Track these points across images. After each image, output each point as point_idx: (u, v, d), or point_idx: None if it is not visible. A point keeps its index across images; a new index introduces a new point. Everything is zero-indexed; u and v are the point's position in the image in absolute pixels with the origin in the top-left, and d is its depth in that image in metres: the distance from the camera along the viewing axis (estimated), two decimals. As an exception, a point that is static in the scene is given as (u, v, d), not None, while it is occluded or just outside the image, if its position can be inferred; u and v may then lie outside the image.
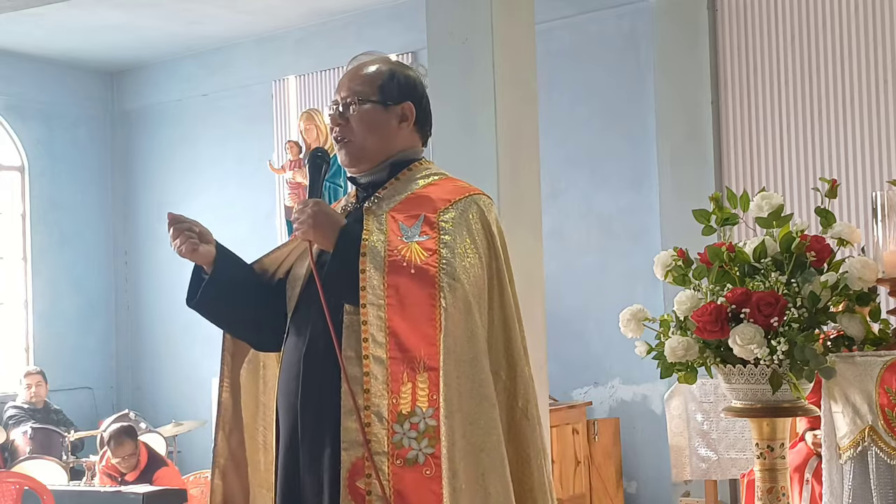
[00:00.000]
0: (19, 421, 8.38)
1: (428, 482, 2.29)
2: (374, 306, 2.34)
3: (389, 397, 2.31)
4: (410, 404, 2.32)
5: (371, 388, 2.31)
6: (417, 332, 2.34)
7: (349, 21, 8.88)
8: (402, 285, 2.36)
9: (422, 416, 2.31)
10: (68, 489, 6.64)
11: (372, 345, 2.33)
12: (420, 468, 2.30)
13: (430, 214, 2.47)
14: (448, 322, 2.35)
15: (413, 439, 2.31)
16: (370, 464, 2.29)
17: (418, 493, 2.29)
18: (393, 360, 2.33)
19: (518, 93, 5.56)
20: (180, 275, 10.87)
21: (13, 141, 9.82)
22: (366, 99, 2.57)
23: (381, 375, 2.32)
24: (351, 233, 2.43)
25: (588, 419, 7.05)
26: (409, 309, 2.35)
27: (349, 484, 2.34)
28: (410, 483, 2.29)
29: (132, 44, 9.49)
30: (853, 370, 2.67)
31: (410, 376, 2.33)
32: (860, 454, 2.65)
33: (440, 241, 2.43)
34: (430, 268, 2.38)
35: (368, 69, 2.61)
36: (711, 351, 2.75)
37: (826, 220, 2.82)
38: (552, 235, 7.16)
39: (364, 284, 2.35)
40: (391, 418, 2.31)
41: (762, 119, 7.13)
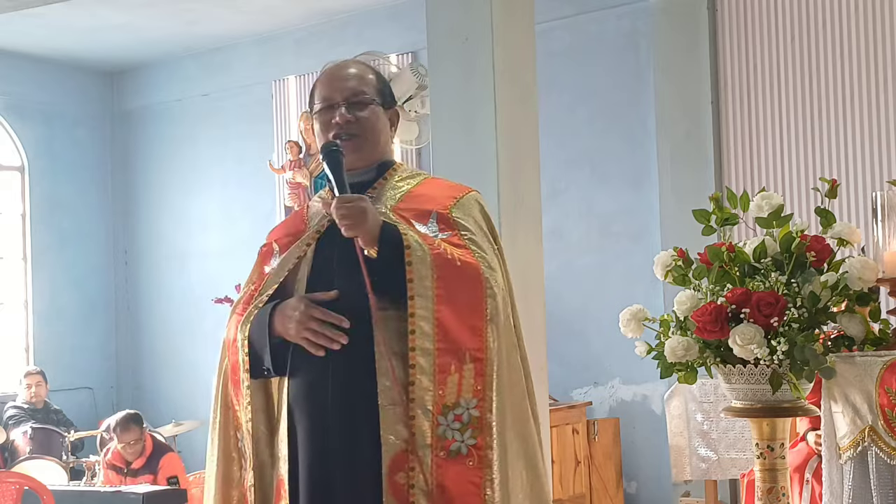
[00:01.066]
0: (19, 421, 8.38)
1: (469, 473, 2.34)
2: (423, 298, 2.36)
3: (435, 389, 2.34)
4: (455, 395, 2.36)
5: (416, 381, 2.34)
6: (465, 324, 2.38)
7: (349, 21, 8.88)
8: (450, 277, 2.39)
9: (465, 407, 2.36)
10: (68, 489, 6.65)
11: (419, 336, 2.35)
12: (463, 459, 2.34)
13: (442, 211, 2.52)
14: (494, 313, 2.41)
15: (456, 430, 2.35)
16: (414, 457, 2.31)
17: (459, 484, 2.33)
18: (440, 350, 2.36)
19: (518, 93, 5.56)
20: (180, 275, 10.93)
21: (13, 141, 9.82)
22: (371, 100, 2.59)
23: (428, 367, 2.35)
24: (392, 227, 2.43)
25: (588, 419, 7.05)
26: (458, 301, 2.39)
27: (389, 479, 2.34)
28: (452, 475, 2.33)
29: (132, 44, 9.48)
30: (853, 370, 2.67)
31: (457, 367, 2.36)
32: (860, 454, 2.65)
33: (462, 236, 2.49)
34: (472, 261, 2.43)
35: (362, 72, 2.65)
36: (711, 351, 2.75)
37: (826, 220, 2.82)
38: (552, 235, 7.16)
39: (411, 277, 2.37)
40: (436, 410, 2.34)
41: (762, 119, 7.13)
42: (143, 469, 6.75)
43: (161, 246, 10.17)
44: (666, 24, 7.40)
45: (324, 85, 2.63)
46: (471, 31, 5.47)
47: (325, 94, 2.61)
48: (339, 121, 2.57)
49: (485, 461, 2.34)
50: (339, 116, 2.57)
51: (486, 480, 2.34)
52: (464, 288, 2.40)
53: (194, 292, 9.68)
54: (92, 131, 10.33)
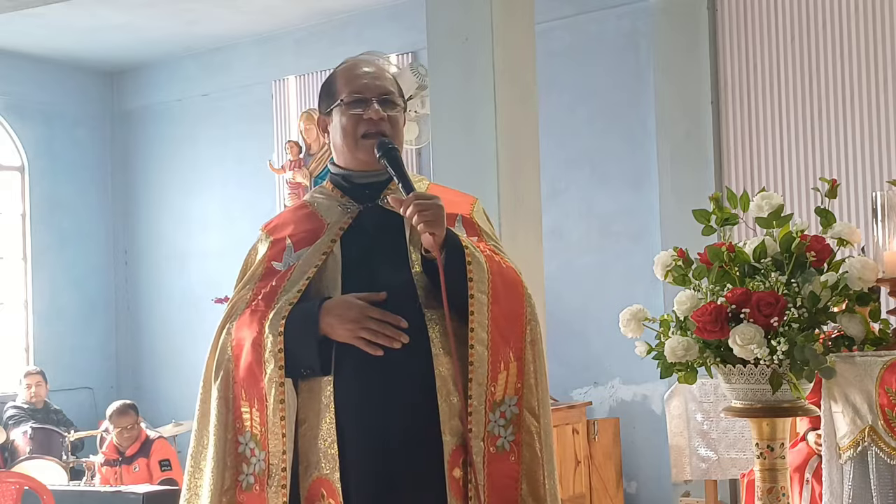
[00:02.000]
0: (19, 421, 8.38)
1: (510, 468, 2.44)
2: (482, 294, 2.42)
3: (488, 385, 2.40)
4: (503, 392, 2.44)
5: (474, 377, 2.39)
6: (512, 323, 2.47)
7: (349, 21, 8.88)
8: (499, 278, 2.47)
9: (508, 404, 2.45)
10: (68, 489, 6.65)
11: (477, 334, 2.40)
12: (507, 455, 2.43)
13: (466, 216, 2.60)
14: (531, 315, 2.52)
15: (501, 427, 2.43)
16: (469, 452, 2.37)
17: (503, 479, 2.42)
18: (493, 348, 2.42)
19: (518, 93, 5.57)
20: (180, 275, 10.94)
21: (13, 141, 9.82)
22: (398, 102, 2.59)
23: (484, 364, 2.40)
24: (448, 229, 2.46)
25: (588, 419, 7.05)
26: (506, 301, 2.47)
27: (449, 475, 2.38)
28: (497, 470, 2.41)
29: (132, 44, 9.49)
30: (853, 370, 2.67)
31: (506, 365, 2.45)
32: (860, 454, 2.65)
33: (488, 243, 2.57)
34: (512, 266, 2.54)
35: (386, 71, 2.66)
36: (711, 351, 2.75)
37: (826, 220, 2.82)
38: (552, 235, 7.16)
39: (471, 276, 2.41)
40: (487, 406, 2.41)
41: (762, 119, 7.13)
42: (136, 455, 7.01)
43: (161, 246, 10.17)
44: (666, 24, 7.40)
45: (353, 78, 2.57)
46: (471, 31, 5.48)
47: (355, 87, 2.55)
48: (373, 116, 2.52)
49: (522, 457, 2.44)
50: (374, 112, 2.52)
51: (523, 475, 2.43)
52: (509, 290, 2.48)
53: (194, 292, 9.68)
54: (92, 131, 10.33)
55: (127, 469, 6.90)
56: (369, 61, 2.64)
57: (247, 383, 2.47)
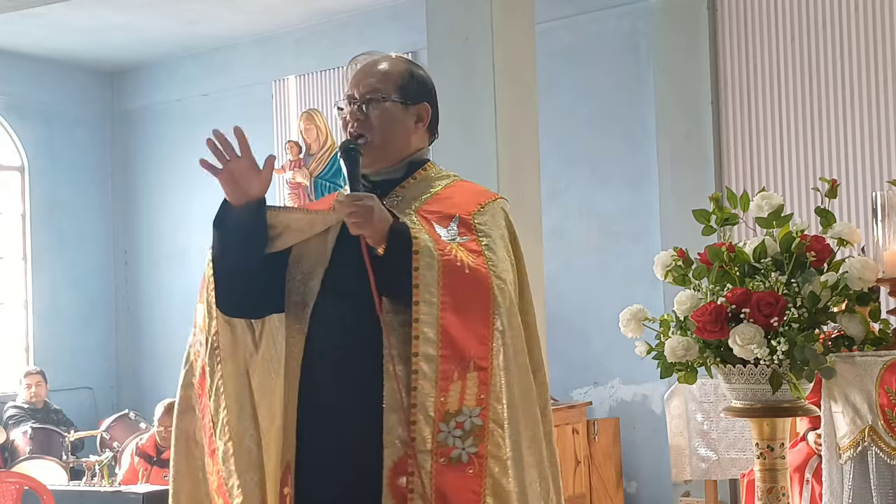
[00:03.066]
0: (19, 421, 8.38)
1: (469, 481, 2.31)
2: (427, 304, 2.33)
3: (437, 395, 2.32)
4: (458, 403, 2.33)
5: (418, 386, 2.32)
6: (470, 332, 2.35)
7: (349, 21, 8.88)
8: (456, 284, 2.36)
9: (468, 415, 2.33)
10: (68, 489, 6.65)
11: (423, 342, 2.33)
12: (463, 467, 2.32)
13: (465, 216, 2.50)
14: (500, 322, 2.38)
15: (458, 438, 2.32)
16: (413, 461, 2.30)
17: (458, 492, 2.30)
18: (444, 357, 2.33)
19: (518, 93, 5.57)
20: (180, 275, 10.92)
21: (13, 141, 9.82)
22: (387, 97, 2.56)
23: (431, 373, 2.32)
24: (401, 230, 2.40)
25: (588, 419, 7.05)
26: (463, 308, 2.36)
27: (390, 482, 2.34)
28: (451, 482, 2.30)
29: (132, 44, 9.48)
30: (853, 370, 2.67)
31: (461, 375, 2.34)
32: (860, 454, 2.65)
33: (480, 243, 2.45)
34: (482, 269, 2.40)
35: (388, 67, 2.60)
36: (711, 351, 2.75)
37: (826, 220, 2.82)
38: (552, 235, 7.16)
39: (417, 282, 2.34)
40: (437, 417, 2.32)
41: (762, 119, 7.13)
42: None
43: (161, 246, 10.17)
44: (666, 24, 7.40)
45: (350, 78, 2.61)
46: (471, 31, 5.48)
47: (348, 88, 2.60)
48: (348, 118, 2.56)
49: (486, 470, 2.32)
50: (350, 114, 2.56)
51: (487, 489, 2.31)
52: (471, 296, 2.37)
53: (194, 292, 9.64)
54: (92, 131, 10.33)
55: (158, 472, 6.69)
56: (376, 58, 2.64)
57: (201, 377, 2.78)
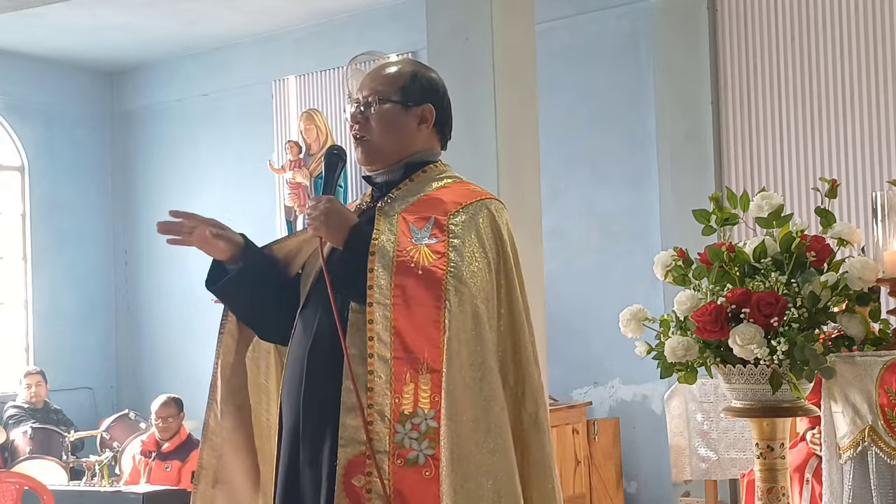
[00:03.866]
0: (19, 421, 8.38)
1: (427, 483, 2.30)
2: (381, 305, 2.36)
3: (392, 397, 2.33)
4: (412, 405, 2.33)
5: (374, 387, 2.33)
6: (421, 334, 2.36)
7: (349, 21, 8.88)
8: (408, 286, 2.38)
9: (423, 418, 2.33)
10: (68, 489, 6.65)
11: (377, 344, 2.35)
12: (420, 469, 2.31)
13: (441, 217, 2.49)
14: (453, 325, 2.36)
15: (414, 440, 2.32)
16: (371, 462, 2.30)
17: (417, 493, 2.30)
18: (397, 359, 2.34)
19: (518, 93, 5.56)
20: (180, 275, 10.90)
21: (13, 141, 9.81)
22: (386, 98, 2.59)
23: (385, 374, 2.33)
24: (362, 231, 2.45)
25: (588, 419, 7.05)
26: (415, 310, 2.37)
27: (345, 481, 2.34)
28: (410, 483, 2.30)
29: (132, 44, 9.48)
30: (853, 370, 2.67)
31: (413, 377, 2.34)
32: (860, 454, 2.65)
33: (449, 244, 2.44)
34: (437, 270, 2.39)
35: (391, 69, 2.65)
36: (711, 351, 2.75)
37: (826, 220, 2.82)
38: (552, 235, 7.16)
39: (371, 283, 2.37)
40: (393, 418, 2.32)
41: (762, 119, 7.13)
42: (172, 454, 6.81)
43: (161, 246, 10.09)
44: (666, 24, 7.40)
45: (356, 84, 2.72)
46: (471, 31, 5.48)
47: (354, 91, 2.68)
48: (350, 120, 2.62)
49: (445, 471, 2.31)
50: (351, 118, 2.62)
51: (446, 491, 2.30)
52: (422, 297, 2.38)
53: (194, 292, 9.66)
54: (92, 131, 10.32)
55: (159, 465, 6.71)
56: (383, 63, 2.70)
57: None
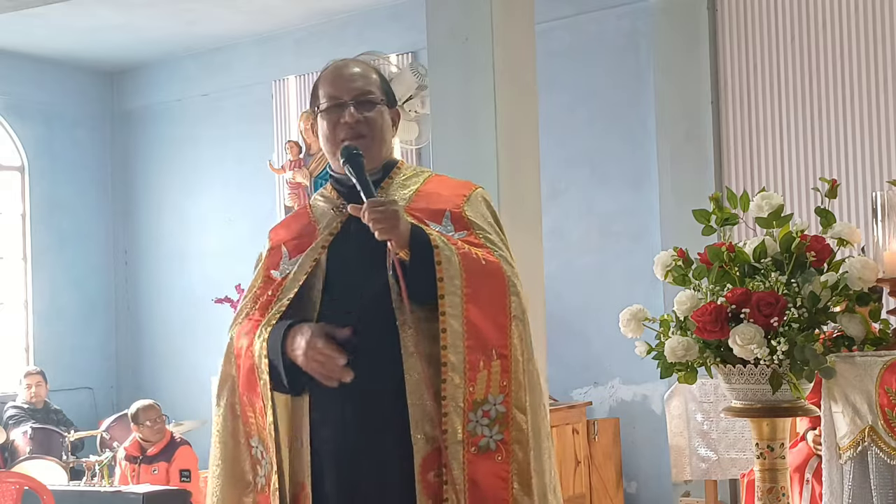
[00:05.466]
0: (19, 421, 8.38)
1: (497, 468, 2.38)
2: (453, 296, 2.39)
3: (466, 386, 2.37)
4: (484, 391, 2.39)
5: (448, 378, 2.36)
6: (492, 322, 2.42)
7: (349, 21, 8.88)
8: (476, 276, 2.42)
9: (493, 403, 2.40)
10: (68, 489, 6.65)
11: (450, 335, 2.38)
12: (492, 455, 2.38)
13: (455, 210, 2.55)
14: (517, 310, 2.46)
15: (485, 426, 2.39)
16: (445, 454, 2.34)
17: (488, 479, 2.36)
18: (470, 348, 2.39)
19: (518, 93, 5.56)
20: (180, 275, 10.90)
21: (13, 141, 9.82)
22: (377, 100, 2.59)
23: (459, 364, 2.37)
24: (418, 228, 2.45)
25: (588, 419, 7.05)
26: (484, 299, 2.42)
27: (422, 479, 2.37)
28: (482, 470, 2.36)
29: (132, 44, 9.48)
30: (853, 370, 2.67)
31: (486, 364, 2.40)
32: (860, 454, 2.64)
33: (478, 235, 2.52)
34: (493, 258, 2.48)
35: (366, 70, 2.63)
36: (711, 351, 2.75)
37: (826, 220, 2.82)
38: (552, 235, 7.16)
39: (441, 276, 2.39)
40: (467, 407, 2.37)
41: (762, 119, 7.13)
42: (158, 456, 6.83)
43: (161, 246, 10.17)
44: (666, 24, 7.40)
45: (329, 83, 2.60)
46: (471, 31, 5.48)
47: (331, 92, 2.58)
48: (348, 120, 2.55)
49: (512, 455, 2.39)
50: (349, 116, 2.55)
51: (514, 474, 2.38)
52: (489, 286, 2.44)
53: (194, 292, 9.68)
54: (92, 131, 10.33)
55: (146, 469, 6.73)
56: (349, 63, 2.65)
57: (247, 389, 2.52)
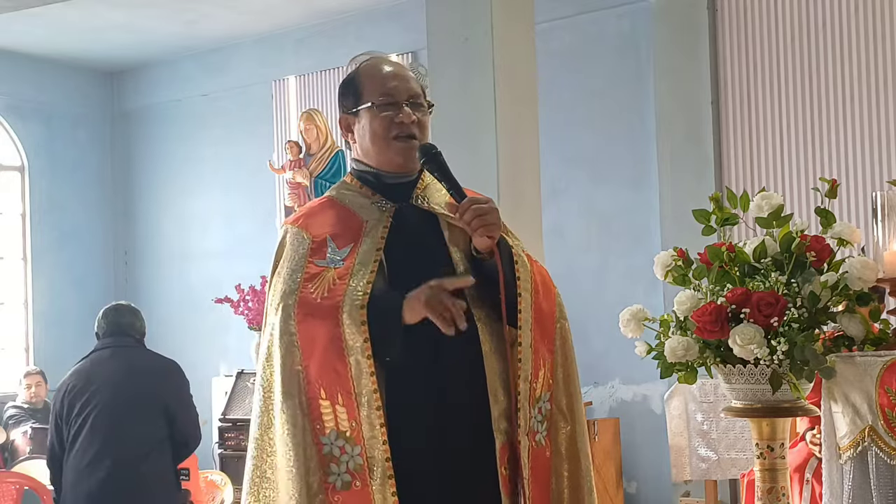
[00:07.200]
0: (19, 421, 8.38)
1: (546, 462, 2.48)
2: (527, 293, 2.49)
3: (531, 381, 2.45)
4: (541, 389, 2.48)
5: (522, 375, 2.44)
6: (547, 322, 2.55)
7: (349, 21, 8.88)
8: (539, 277, 2.55)
9: (543, 401, 2.50)
10: (68, 489, 6.63)
11: (525, 331, 2.45)
12: (543, 449, 2.48)
13: None
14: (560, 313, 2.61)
15: (539, 423, 2.48)
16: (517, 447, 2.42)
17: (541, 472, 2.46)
18: (536, 347, 2.48)
19: (518, 93, 5.57)
20: (180, 275, 10.90)
21: (13, 141, 9.82)
22: (424, 103, 2.63)
23: (529, 362, 2.46)
24: None
25: (588, 419, 7.03)
26: (544, 299, 2.54)
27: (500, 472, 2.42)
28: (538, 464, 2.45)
29: (132, 44, 9.49)
30: (853, 370, 2.67)
31: (544, 363, 2.51)
32: (860, 454, 2.64)
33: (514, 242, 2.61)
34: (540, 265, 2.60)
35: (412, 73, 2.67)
36: (711, 351, 2.75)
37: (826, 220, 2.82)
38: (552, 235, 7.15)
39: (519, 275, 2.48)
40: (530, 403, 2.45)
41: (762, 119, 7.13)
42: None
43: (161, 246, 10.17)
44: (666, 24, 7.40)
45: (383, 80, 2.59)
46: (471, 31, 5.48)
47: (387, 89, 2.57)
48: (404, 120, 2.55)
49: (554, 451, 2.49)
50: (406, 116, 2.55)
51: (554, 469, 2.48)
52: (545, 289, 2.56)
53: (194, 292, 9.68)
54: (92, 131, 10.33)
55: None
56: (391, 62, 2.67)
57: (326, 380, 2.39)
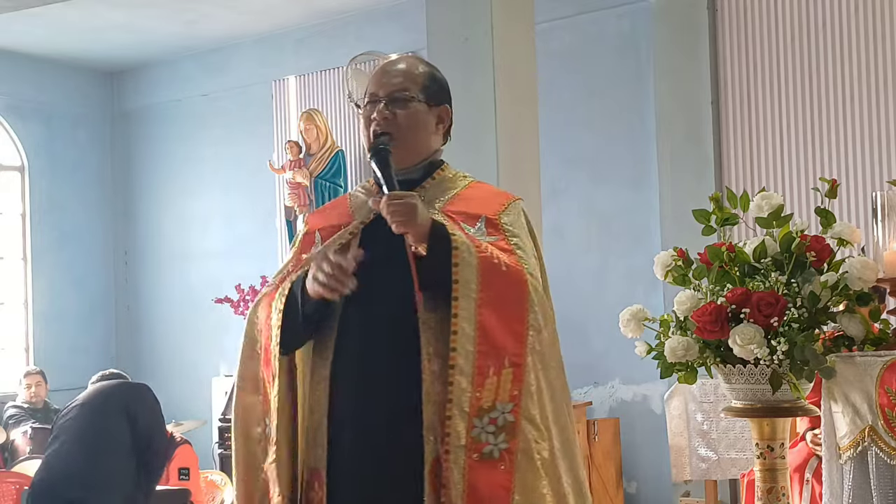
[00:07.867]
0: (19, 421, 8.37)
1: (500, 477, 2.34)
2: (467, 300, 2.37)
3: (473, 391, 2.35)
4: (492, 398, 2.36)
5: (455, 381, 2.34)
6: (507, 329, 2.39)
7: (349, 21, 8.88)
8: (494, 281, 2.40)
9: (501, 411, 2.36)
10: (68, 489, 6.63)
11: (461, 337, 2.35)
12: (495, 463, 2.34)
13: (492, 216, 2.55)
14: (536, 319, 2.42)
15: (490, 434, 2.35)
16: (447, 457, 2.32)
17: (490, 488, 2.33)
18: (480, 353, 2.36)
19: (518, 93, 5.57)
20: (180, 275, 10.87)
21: (13, 141, 9.82)
22: (413, 97, 2.59)
23: (467, 368, 2.35)
24: (440, 226, 2.44)
25: (588, 419, 7.05)
26: (501, 305, 2.40)
27: (430, 479, 2.36)
28: (484, 478, 2.33)
29: (132, 44, 9.48)
30: (853, 370, 2.67)
31: (496, 371, 2.37)
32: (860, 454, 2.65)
33: (509, 241, 2.51)
34: (517, 266, 2.44)
35: (411, 67, 2.64)
36: (711, 351, 2.75)
37: (826, 220, 2.82)
38: (552, 235, 7.16)
39: (457, 278, 2.37)
40: (472, 412, 2.34)
41: (762, 119, 7.13)
42: None
43: (161, 246, 10.17)
44: (666, 24, 7.40)
45: (372, 80, 2.63)
46: (471, 31, 5.48)
47: (370, 89, 2.62)
48: (376, 117, 2.57)
49: (515, 466, 2.35)
50: (377, 113, 2.57)
51: (517, 485, 2.34)
52: (508, 293, 2.41)
53: (194, 292, 9.68)
54: (92, 131, 10.33)
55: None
56: (400, 59, 2.68)
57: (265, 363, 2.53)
